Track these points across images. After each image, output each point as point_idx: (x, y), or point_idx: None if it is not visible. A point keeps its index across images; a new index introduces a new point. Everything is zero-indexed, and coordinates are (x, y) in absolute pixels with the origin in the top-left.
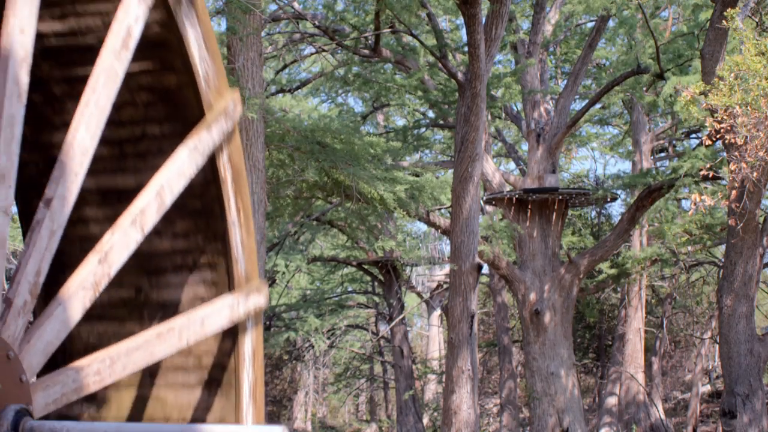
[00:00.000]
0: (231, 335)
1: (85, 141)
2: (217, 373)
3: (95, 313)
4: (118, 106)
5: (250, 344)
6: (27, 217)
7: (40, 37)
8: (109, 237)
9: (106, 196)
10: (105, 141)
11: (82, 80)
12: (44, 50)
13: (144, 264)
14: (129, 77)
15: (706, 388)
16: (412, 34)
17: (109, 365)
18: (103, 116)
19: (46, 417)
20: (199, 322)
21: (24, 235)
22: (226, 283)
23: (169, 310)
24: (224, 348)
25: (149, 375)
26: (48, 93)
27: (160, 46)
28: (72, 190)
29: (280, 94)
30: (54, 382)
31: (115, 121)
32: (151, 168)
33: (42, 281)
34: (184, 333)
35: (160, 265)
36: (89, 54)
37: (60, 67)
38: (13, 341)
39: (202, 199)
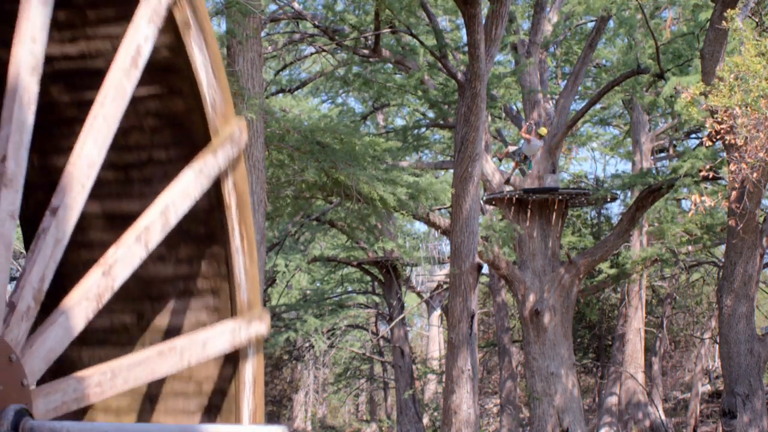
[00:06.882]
0: (232, 361)
1: (93, 153)
2: (217, 400)
3: (97, 339)
4: (125, 131)
5: (251, 371)
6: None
7: (50, 60)
8: (113, 251)
9: (111, 221)
10: (111, 165)
11: (91, 104)
12: (54, 73)
13: (146, 289)
14: (137, 102)
15: (706, 388)
16: (412, 34)
17: (110, 378)
18: (111, 131)
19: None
20: (201, 343)
21: (25, 239)
22: (228, 309)
23: (170, 336)
24: (225, 374)
25: (149, 400)
26: (57, 117)
27: (169, 70)
28: (78, 200)
29: (280, 94)
30: (55, 390)
31: (121, 145)
32: (156, 193)
33: (46, 288)
34: (186, 353)
35: (162, 290)
36: (99, 78)
37: (69, 91)
38: (15, 345)
39: (206, 225)
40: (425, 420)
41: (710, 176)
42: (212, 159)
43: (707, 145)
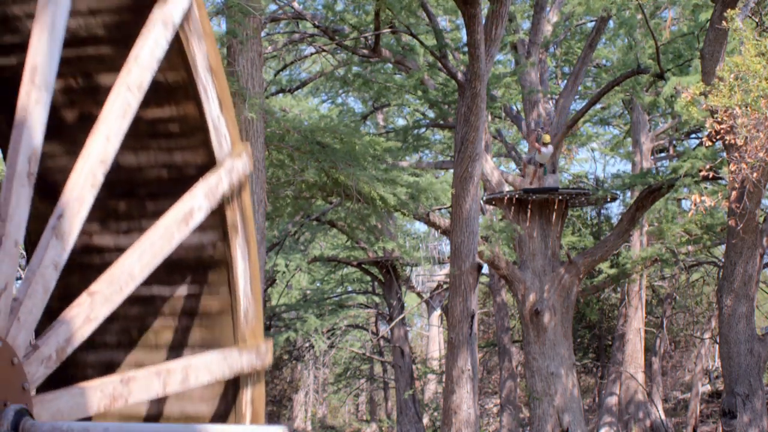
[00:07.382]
0: None
1: (135, 269)
2: None
3: None
4: (157, 331)
5: None
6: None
7: (100, 251)
8: (134, 371)
9: (128, 419)
10: (138, 365)
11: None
12: (104, 265)
13: None
14: (175, 301)
15: (706, 388)
16: (411, 34)
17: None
18: (155, 259)
19: None
20: None
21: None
22: None
23: None
24: None
25: None
26: None
27: (211, 269)
28: (114, 299)
29: (280, 94)
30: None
31: (152, 344)
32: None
33: (69, 351)
34: None
35: None
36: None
37: None
38: (31, 382)
39: None
40: (425, 420)
41: (710, 176)
42: (237, 356)
43: (707, 145)
